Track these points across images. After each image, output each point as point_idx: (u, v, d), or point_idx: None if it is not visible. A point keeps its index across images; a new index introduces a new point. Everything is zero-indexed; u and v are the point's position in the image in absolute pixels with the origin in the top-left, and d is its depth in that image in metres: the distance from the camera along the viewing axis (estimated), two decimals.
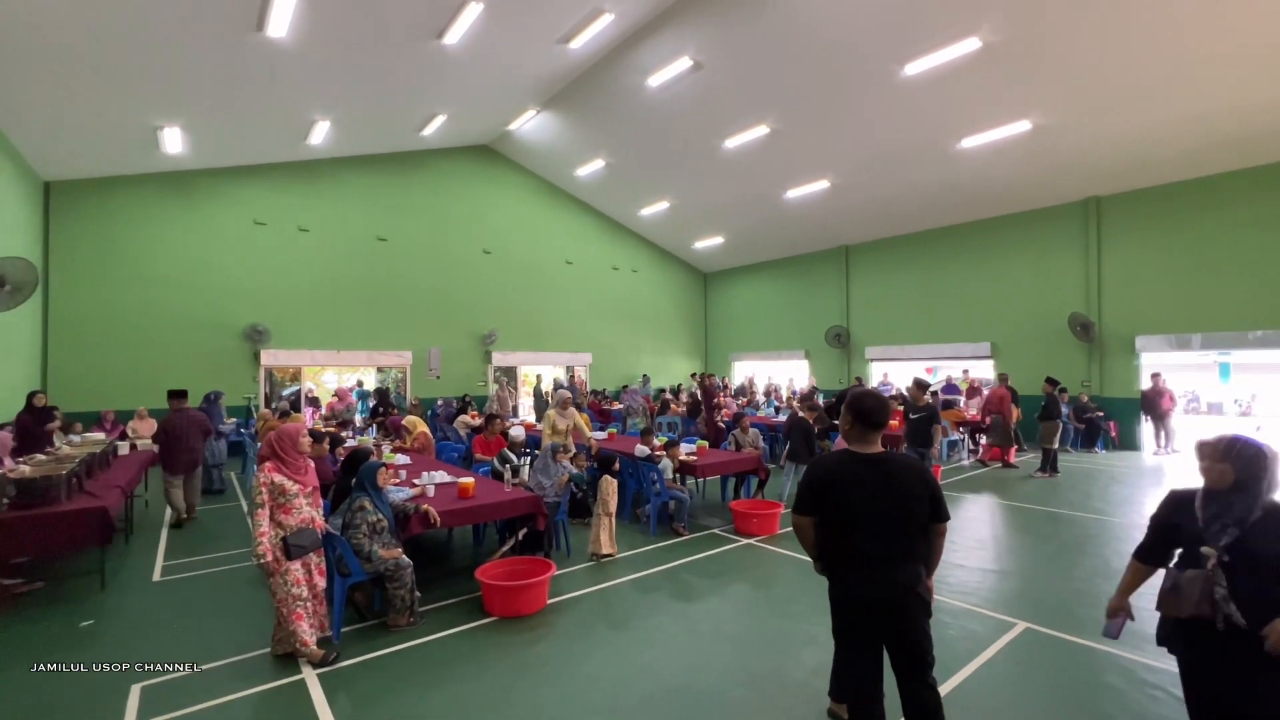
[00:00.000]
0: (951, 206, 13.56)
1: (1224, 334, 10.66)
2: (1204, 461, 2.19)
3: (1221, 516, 2.11)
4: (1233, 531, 2.06)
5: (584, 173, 15.60)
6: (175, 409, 7.01)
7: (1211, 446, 2.17)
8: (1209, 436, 2.23)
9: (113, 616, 4.35)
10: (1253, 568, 2.03)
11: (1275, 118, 9.11)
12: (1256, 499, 2.07)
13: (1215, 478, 2.15)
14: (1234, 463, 2.12)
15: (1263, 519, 2.05)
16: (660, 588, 4.81)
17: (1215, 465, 2.15)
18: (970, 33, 8.65)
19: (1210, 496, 2.19)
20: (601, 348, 17.99)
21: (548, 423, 7.16)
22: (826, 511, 2.51)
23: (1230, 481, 2.12)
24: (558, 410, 7.32)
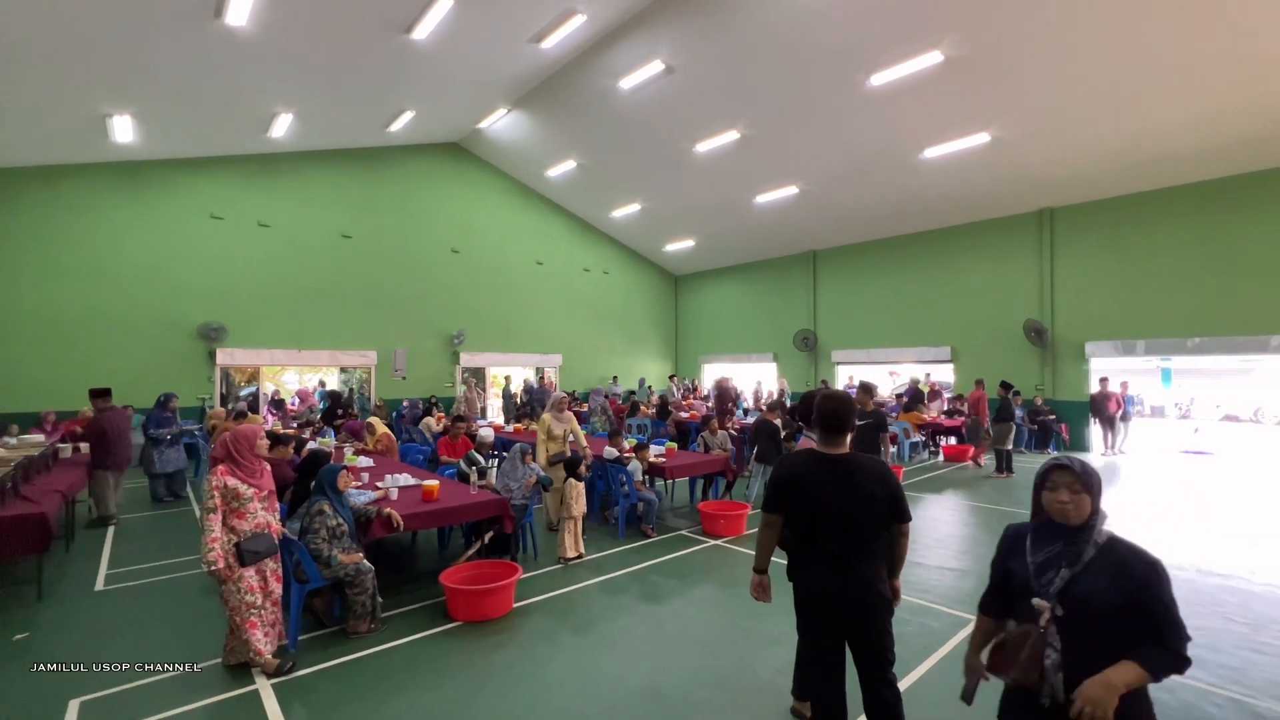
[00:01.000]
0: (915, 214, 13.94)
1: (1165, 341, 11.22)
2: (1061, 492, 1.75)
3: (1058, 558, 1.74)
4: (1064, 575, 1.70)
5: (555, 173, 15.52)
6: (101, 408, 6.75)
7: (1072, 473, 1.76)
8: (1061, 458, 1.82)
9: (50, 629, 4.12)
10: (1090, 621, 1.65)
11: (1209, 136, 9.64)
12: (1095, 532, 1.73)
13: (1075, 511, 1.74)
14: (1094, 492, 1.76)
15: (1097, 558, 1.69)
16: (628, 590, 4.81)
17: (1077, 496, 1.74)
18: (933, 46, 8.92)
19: (1045, 534, 1.81)
20: (572, 349, 17.91)
21: (542, 429, 6.40)
22: (791, 510, 2.56)
23: (1086, 515, 1.74)
24: (553, 414, 6.51)
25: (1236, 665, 3.51)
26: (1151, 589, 1.60)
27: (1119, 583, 1.63)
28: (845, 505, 2.43)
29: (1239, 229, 10.43)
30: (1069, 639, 1.68)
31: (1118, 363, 12.18)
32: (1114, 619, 1.62)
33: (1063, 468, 1.78)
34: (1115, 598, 1.62)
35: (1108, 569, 1.67)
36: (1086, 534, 1.73)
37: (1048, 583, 1.72)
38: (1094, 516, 1.75)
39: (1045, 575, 1.74)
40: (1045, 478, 1.82)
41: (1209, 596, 4.54)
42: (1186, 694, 3.21)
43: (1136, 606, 1.60)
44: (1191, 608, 4.34)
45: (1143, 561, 1.65)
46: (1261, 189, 10.22)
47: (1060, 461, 1.81)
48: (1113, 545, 1.71)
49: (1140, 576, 1.61)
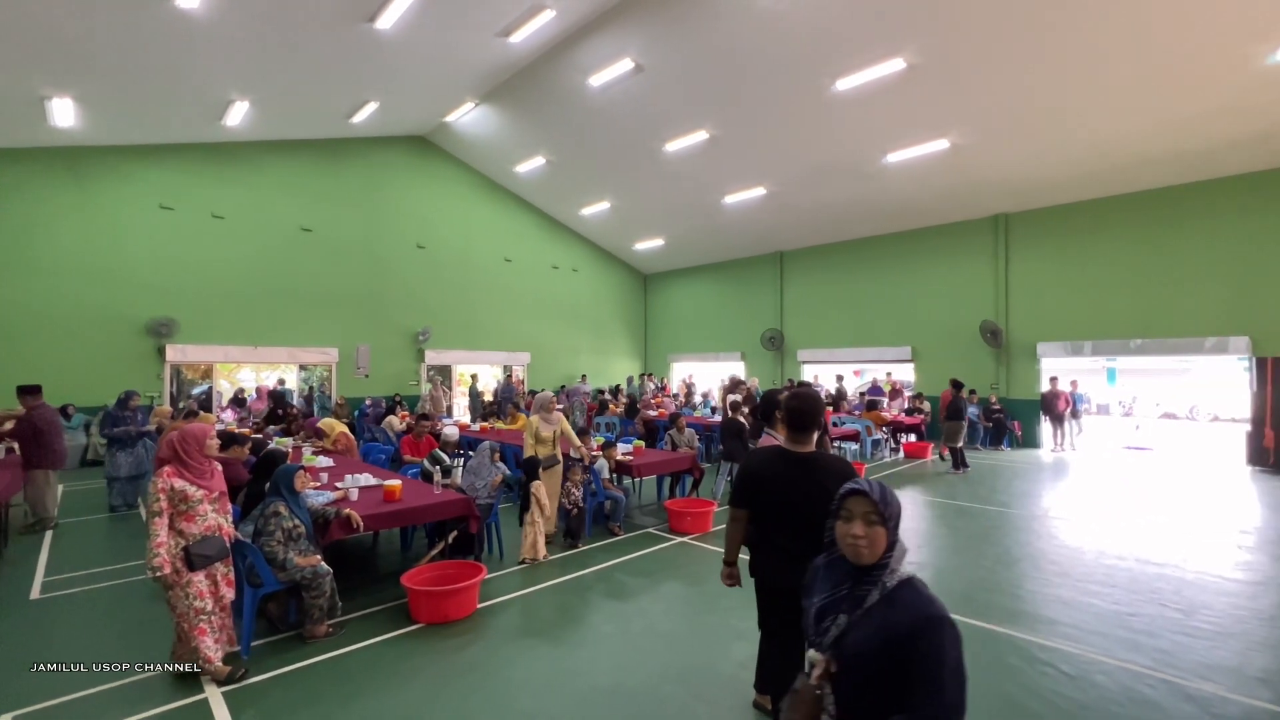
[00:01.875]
0: (878, 217, 14.27)
1: (1110, 342, 11.77)
2: (855, 524, 1.45)
3: (839, 603, 1.46)
4: (841, 623, 1.43)
5: (524, 169, 15.36)
6: (31, 406, 6.39)
7: (869, 500, 1.46)
8: (861, 482, 1.52)
9: None
10: (864, 681, 1.38)
11: (1151, 149, 10.15)
12: (886, 573, 1.44)
13: (868, 548, 1.44)
14: (892, 523, 1.46)
15: (880, 604, 1.41)
16: (594, 588, 4.80)
17: (872, 530, 1.44)
18: (896, 54, 9.15)
19: (834, 571, 1.52)
20: (540, 347, 17.77)
21: (529, 431, 5.93)
22: (755, 505, 2.61)
23: (880, 553, 1.44)
24: (540, 415, 6.02)
25: (1169, 649, 3.71)
26: (922, 644, 1.31)
27: (887, 635, 1.35)
28: (807, 501, 2.47)
29: (1177, 237, 11.01)
30: (843, 700, 1.40)
31: (1067, 363, 12.73)
32: (885, 679, 1.34)
33: (859, 494, 1.47)
34: (881, 653, 1.34)
35: (886, 617, 1.38)
36: (875, 575, 1.43)
37: (824, 631, 1.45)
38: (889, 554, 1.45)
39: (824, 622, 1.46)
40: (840, 504, 1.49)
41: (1146, 585, 4.79)
42: (1124, 677, 3.38)
43: (904, 665, 1.31)
44: (1131, 595, 4.57)
45: (920, 614, 1.35)
46: (1197, 200, 10.80)
47: (858, 486, 1.49)
48: (901, 590, 1.41)
49: (912, 629, 1.33)
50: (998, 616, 4.20)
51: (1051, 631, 3.97)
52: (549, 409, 6.08)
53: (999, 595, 4.61)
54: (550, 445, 5.98)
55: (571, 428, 6.43)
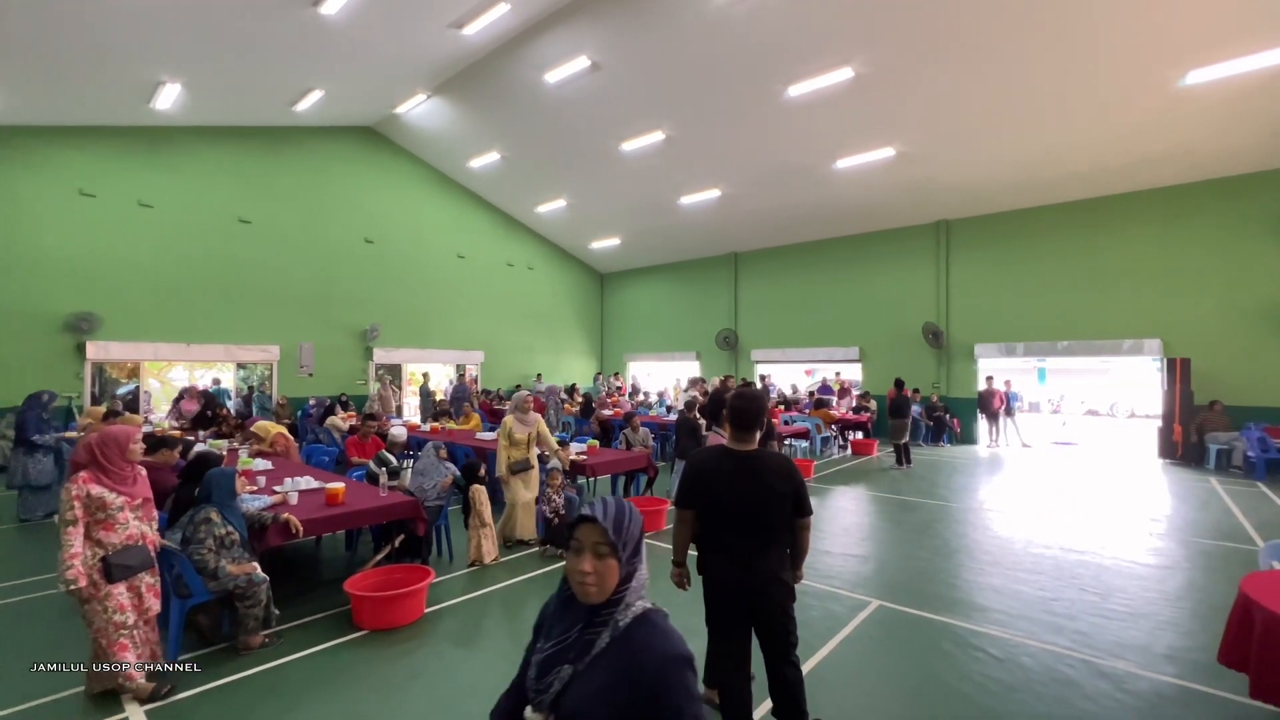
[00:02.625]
0: (828, 221, 14.69)
1: (1041, 343, 12.49)
2: (583, 559, 1.23)
3: (566, 651, 1.25)
4: (564, 675, 1.22)
5: (478, 164, 15.08)
6: None
7: (599, 529, 1.24)
8: (595, 503, 1.29)
9: None
10: None
11: (1080, 161, 10.82)
12: (619, 610, 1.24)
13: (597, 587, 1.23)
14: (627, 550, 1.26)
15: (610, 648, 1.22)
16: (546, 590, 4.77)
17: (603, 563, 1.23)
18: (845, 63, 9.43)
19: (566, 613, 1.30)
20: (494, 346, 17.48)
21: (503, 432, 5.62)
22: (701, 504, 2.64)
23: (610, 590, 1.24)
24: (516, 416, 5.71)
25: (1087, 630, 3.97)
26: (659, 701, 1.15)
27: (615, 687, 1.17)
28: (751, 499, 2.53)
29: (1100, 246, 11.77)
30: None
31: (1001, 363, 13.42)
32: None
33: (588, 521, 1.25)
34: (609, 710, 1.16)
35: (614, 664, 1.19)
36: (606, 614, 1.23)
37: (547, 687, 1.23)
38: (623, 588, 1.25)
39: (549, 676, 1.24)
40: (570, 534, 1.28)
41: (1069, 571, 5.11)
42: (1047, 659, 3.59)
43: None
44: (1054, 582, 4.86)
45: (656, 658, 1.17)
46: (1117, 211, 11.58)
47: (587, 512, 1.26)
48: (636, 629, 1.22)
49: (646, 678, 1.16)
50: (935, 605, 4.40)
51: (983, 618, 4.19)
52: (525, 409, 5.78)
53: (937, 585, 4.82)
54: (524, 448, 5.72)
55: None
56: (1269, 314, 10.15)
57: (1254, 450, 9.30)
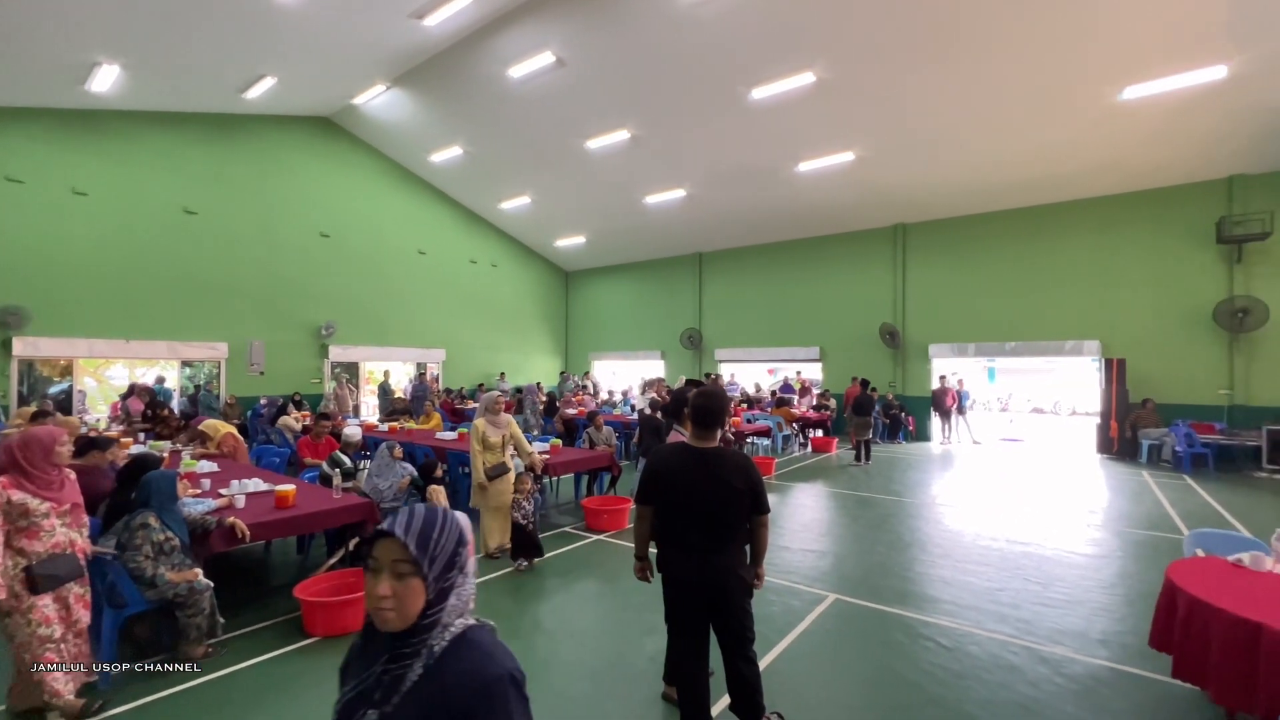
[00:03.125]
0: (791, 222, 14.94)
1: (990, 344, 13.01)
2: (381, 580, 1.05)
3: (371, 691, 1.08)
4: (372, 716, 1.05)
5: (440, 159, 14.77)
6: None
7: (398, 544, 1.06)
8: (396, 518, 1.10)
9: None
10: None
11: (1027, 170, 11.30)
12: (431, 636, 1.07)
13: (397, 612, 1.05)
14: (436, 566, 1.08)
15: (422, 682, 1.05)
16: (506, 590, 4.71)
17: (403, 584, 1.05)
18: (807, 67, 9.61)
19: (370, 648, 1.13)
20: (456, 344, 17.16)
21: (475, 436, 5.34)
22: (660, 500, 2.66)
23: (413, 615, 1.06)
24: (487, 419, 5.43)
25: (1029, 618, 4.15)
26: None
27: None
28: (710, 496, 2.56)
29: (1044, 251, 12.32)
30: None
31: (954, 362, 13.92)
32: None
33: (386, 537, 1.07)
34: None
35: (428, 697, 1.03)
36: (417, 642, 1.06)
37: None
38: (435, 609, 1.07)
39: (356, 711, 1.08)
40: (369, 554, 1.09)
41: (1013, 562, 5.34)
42: (992, 646, 3.75)
43: None
44: (1000, 573, 5.07)
45: (479, 678, 1.04)
46: (1061, 218, 12.14)
47: (385, 527, 1.08)
48: (452, 653, 1.07)
49: (469, 704, 1.02)
50: (888, 597, 4.53)
51: (934, 609, 4.33)
52: (496, 410, 5.49)
53: (890, 578, 4.96)
54: (499, 452, 5.44)
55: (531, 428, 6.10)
56: (1195, 318, 10.81)
57: (1181, 445, 9.90)
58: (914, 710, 3.06)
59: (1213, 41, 7.97)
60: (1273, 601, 2.58)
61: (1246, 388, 10.47)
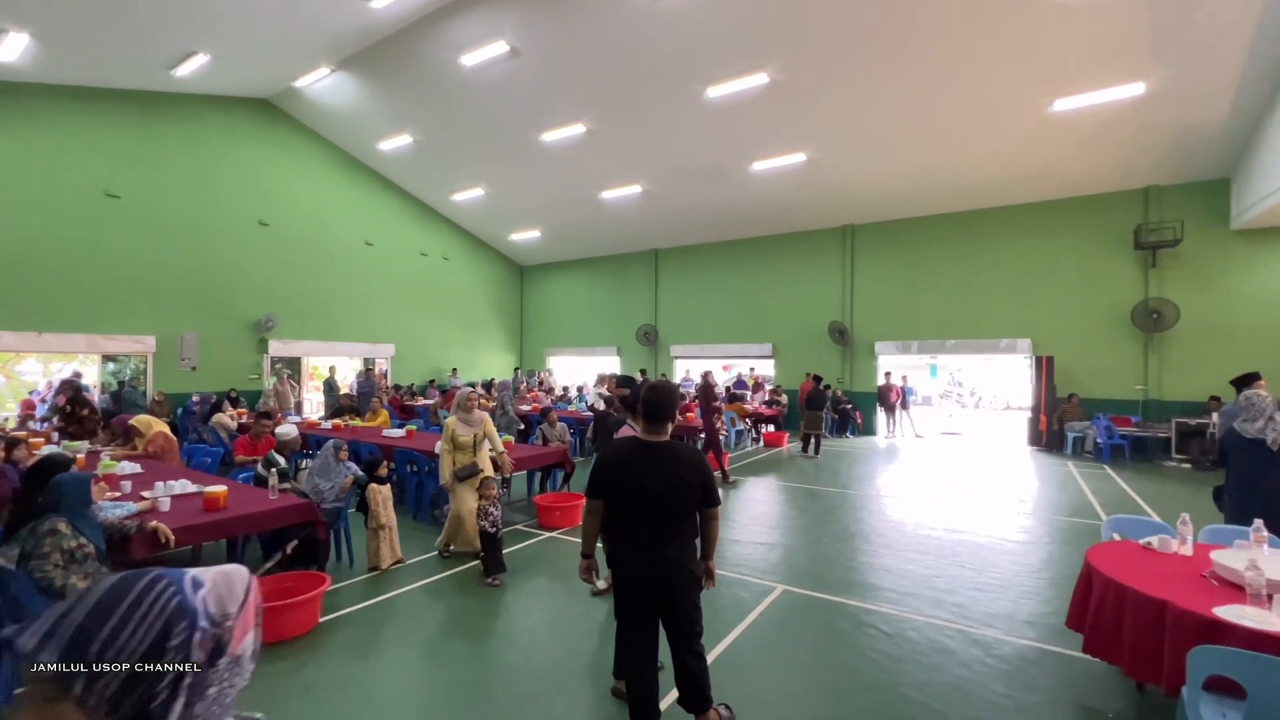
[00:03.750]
0: (745, 221, 15.17)
1: (932, 341, 13.57)
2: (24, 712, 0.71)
3: None
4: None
5: (388, 147, 14.28)
6: None
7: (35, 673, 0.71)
8: (48, 619, 0.75)
9: None
10: None
11: (967, 175, 11.81)
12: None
13: None
14: (93, 697, 0.71)
15: None
16: (453, 591, 4.61)
17: (52, 710, 0.70)
18: (760, 68, 9.75)
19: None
20: (406, 338, 16.67)
21: (446, 435, 5.13)
22: (611, 495, 2.65)
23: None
24: (459, 416, 5.19)
25: (964, 603, 4.36)
26: None
27: None
28: (661, 489, 2.56)
29: (982, 253, 12.93)
30: None
31: (898, 359, 14.44)
32: None
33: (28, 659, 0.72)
34: None
35: None
36: None
37: None
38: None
39: None
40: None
41: (950, 550, 5.58)
42: (930, 631, 3.91)
43: None
44: (938, 560, 5.30)
45: None
46: (996, 223, 12.77)
47: (8, 635, 0.77)
48: None
49: None
50: (834, 587, 4.66)
51: (876, 596, 4.49)
52: (469, 408, 5.22)
53: (836, 568, 5.11)
54: (470, 451, 5.17)
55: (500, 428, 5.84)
56: (1115, 318, 11.57)
57: (1102, 437, 10.59)
58: (855, 695, 3.17)
59: (1132, 60, 8.52)
60: (1177, 581, 2.78)
61: (1159, 384, 11.28)
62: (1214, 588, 2.71)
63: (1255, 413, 3.84)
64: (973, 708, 3.04)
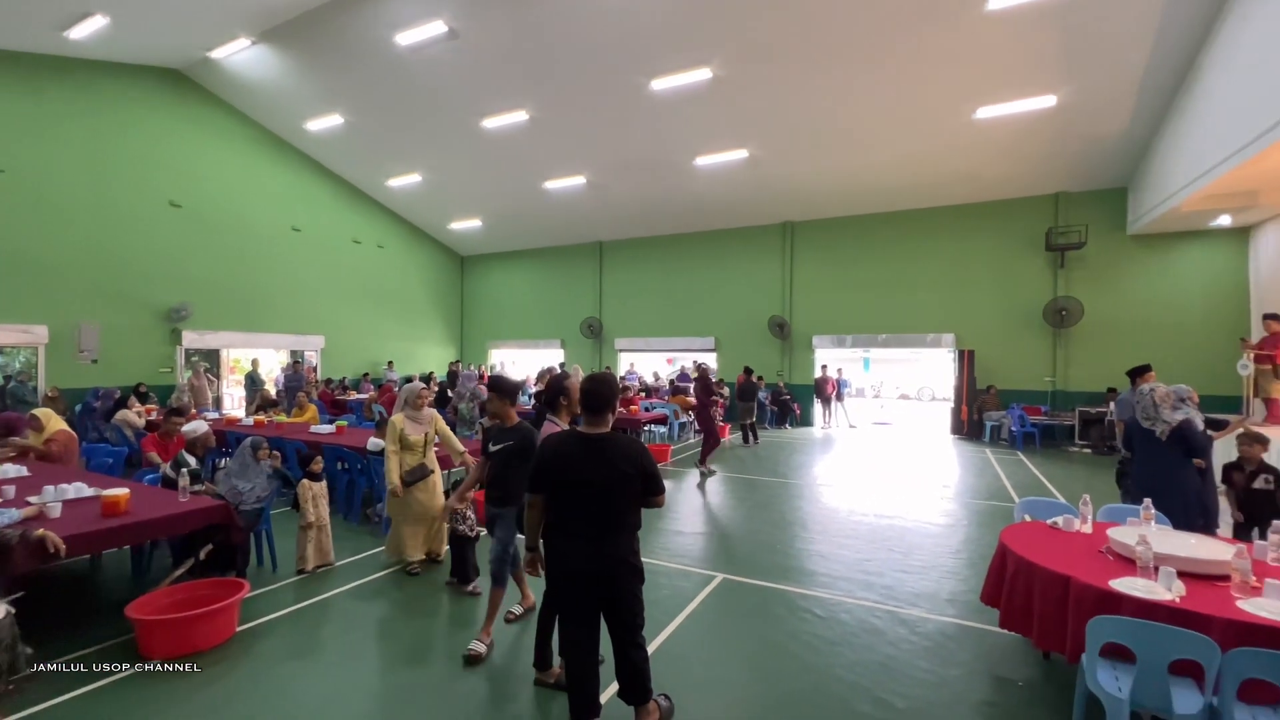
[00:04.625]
0: (689, 215, 15.30)
1: (865, 336, 14.16)
2: None
3: None
4: None
5: (318, 127, 13.50)
6: None
7: None
8: None
9: None
10: None
11: (899, 177, 12.35)
12: None
13: None
14: None
15: None
16: (385, 593, 4.43)
17: None
18: (704, 64, 9.82)
19: None
20: (337, 329, 15.87)
21: (391, 434, 4.70)
22: (550, 489, 2.61)
23: None
24: (407, 414, 4.78)
25: (892, 584, 4.57)
26: None
27: None
28: (600, 482, 2.53)
29: (912, 252, 13.59)
30: None
31: (834, 353, 15.01)
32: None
33: None
34: None
35: None
36: None
37: None
38: None
39: None
40: None
41: (879, 534, 5.85)
42: (860, 613, 4.07)
43: None
44: (868, 545, 5.54)
45: None
46: (925, 223, 13.43)
47: None
48: None
49: None
50: (771, 574, 4.79)
51: (811, 582, 4.64)
52: (419, 405, 4.80)
53: (773, 555, 5.26)
54: (420, 452, 4.80)
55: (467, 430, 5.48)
56: (1029, 315, 12.42)
57: (1016, 425, 11.38)
58: (791, 678, 3.26)
59: (1046, 74, 9.12)
60: (1079, 557, 3.01)
61: (1065, 376, 12.22)
62: (1110, 562, 2.95)
63: (1146, 409, 4.19)
64: (899, 684, 3.19)
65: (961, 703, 3.04)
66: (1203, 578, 2.72)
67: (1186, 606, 2.43)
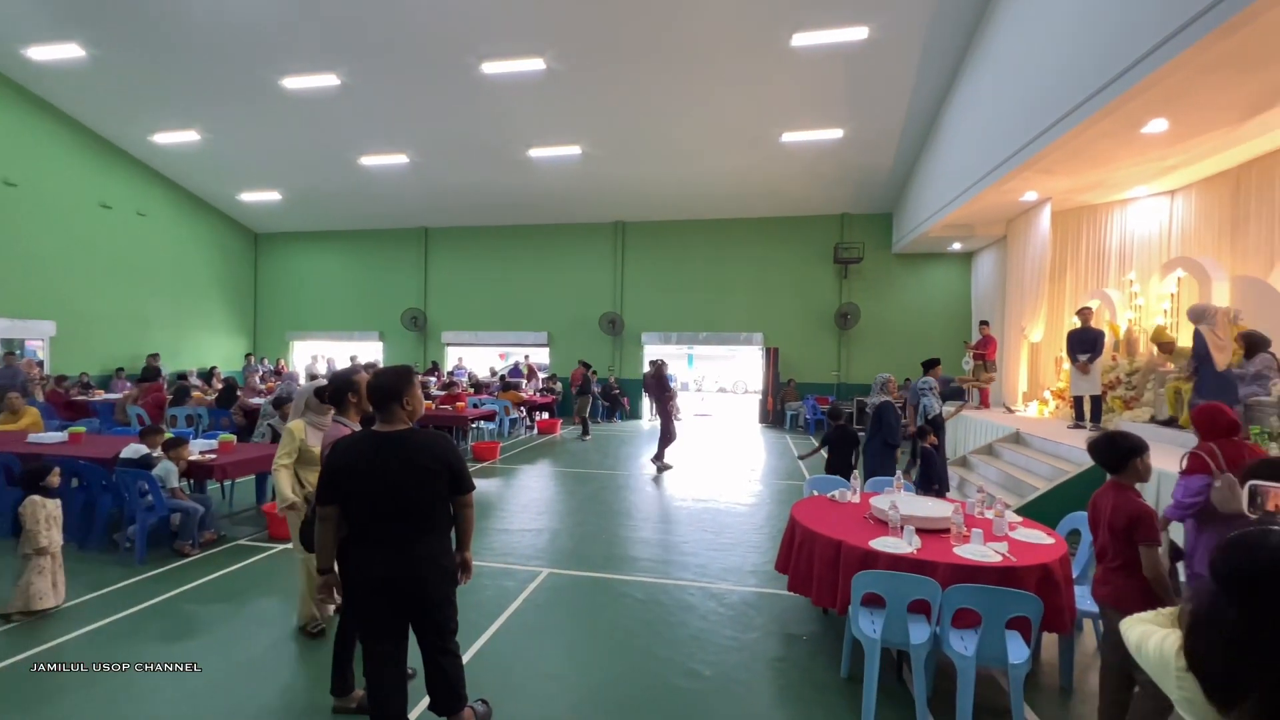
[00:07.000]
0: (523, 207, 14.99)
1: (688, 333, 15.19)
2: None
3: None
4: None
5: (44, 56, 10.63)
6: None
7: None
8: None
9: None
10: None
11: (719, 187, 13.41)
12: None
13: None
14: None
15: None
16: (142, 630, 3.67)
17: None
18: (538, 53, 9.66)
19: None
20: (76, 314, 12.74)
21: (288, 446, 3.51)
22: (345, 497, 2.36)
23: None
24: (309, 419, 3.61)
25: (704, 563, 4.96)
26: None
27: None
28: (400, 483, 2.34)
29: (728, 257, 14.87)
30: None
31: (661, 349, 15.84)
32: None
33: None
34: None
35: None
36: None
37: None
38: None
39: None
40: None
41: (695, 517, 6.32)
42: (677, 593, 4.35)
43: None
44: (685, 527, 5.95)
45: None
46: (740, 232, 14.80)
47: None
48: None
49: None
50: (596, 564, 4.90)
51: (634, 568, 4.85)
52: (324, 410, 3.52)
53: (600, 545, 5.39)
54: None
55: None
56: (821, 318, 14.35)
57: (810, 414, 13.09)
58: (610, 664, 3.37)
59: (835, 108, 10.57)
60: (850, 523, 3.54)
61: (848, 370, 14.33)
62: (872, 525, 3.52)
63: (874, 393, 5.18)
64: (707, 653, 3.47)
65: (758, 661, 3.41)
66: (933, 532, 3.37)
67: (921, 556, 2.99)
